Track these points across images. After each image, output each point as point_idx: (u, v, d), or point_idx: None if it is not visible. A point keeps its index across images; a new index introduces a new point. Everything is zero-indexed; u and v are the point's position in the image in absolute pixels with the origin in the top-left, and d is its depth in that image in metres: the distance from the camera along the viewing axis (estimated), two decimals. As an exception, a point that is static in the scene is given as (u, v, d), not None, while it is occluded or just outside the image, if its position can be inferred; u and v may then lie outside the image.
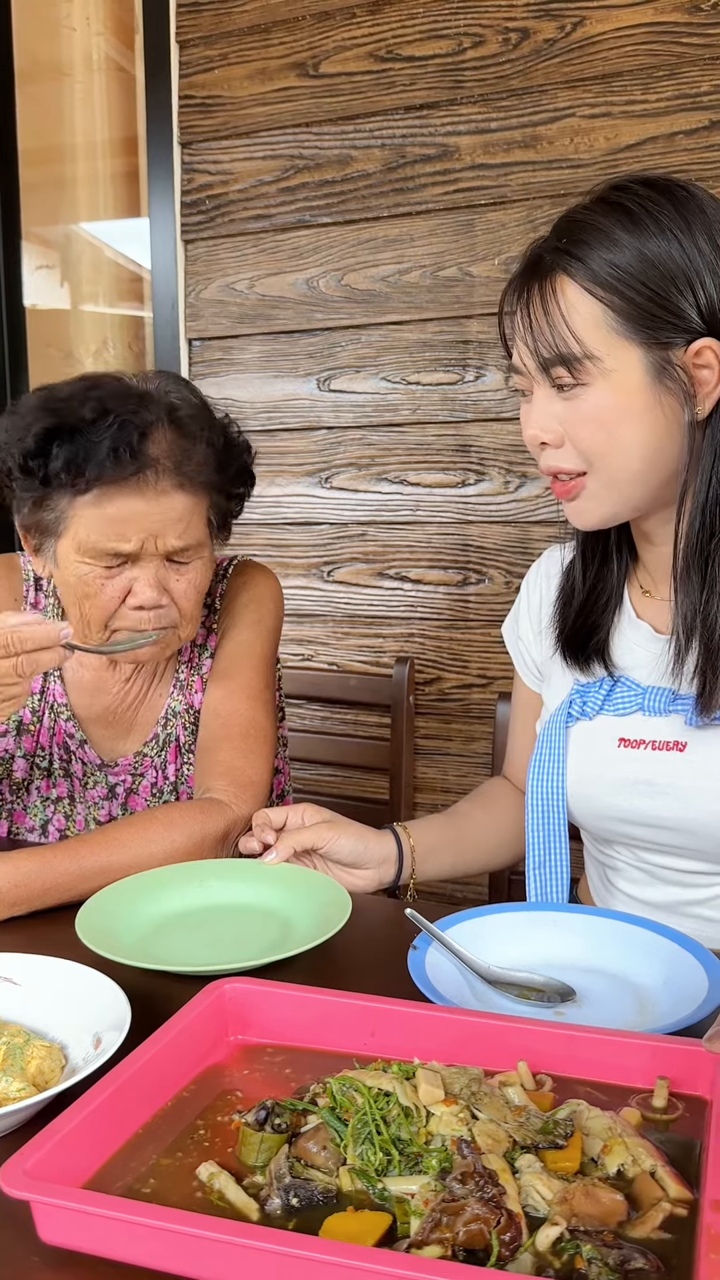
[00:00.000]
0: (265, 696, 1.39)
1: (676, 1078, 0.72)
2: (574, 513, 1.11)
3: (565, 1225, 0.58)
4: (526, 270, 1.06)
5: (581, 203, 1.06)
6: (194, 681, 1.41)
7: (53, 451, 1.19)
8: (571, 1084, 0.74)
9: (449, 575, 2.14)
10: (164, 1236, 0.57)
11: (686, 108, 1.85)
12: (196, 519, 1.27)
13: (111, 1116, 0.68)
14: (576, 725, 1.19)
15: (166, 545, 1.24)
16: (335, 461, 2.21)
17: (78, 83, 2.97)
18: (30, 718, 1.40)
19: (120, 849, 1.14)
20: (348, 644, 2.24)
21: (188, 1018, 0.78)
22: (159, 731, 1.40)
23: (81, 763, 1.41)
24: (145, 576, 1.24)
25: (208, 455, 1.26)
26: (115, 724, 1.42)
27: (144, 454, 1.19)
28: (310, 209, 2.16)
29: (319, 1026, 0.80)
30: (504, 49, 1.97)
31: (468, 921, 1.02)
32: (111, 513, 1.20)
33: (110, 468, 1.18)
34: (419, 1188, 0.62)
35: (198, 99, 2.24)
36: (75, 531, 1.23)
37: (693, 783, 1.09)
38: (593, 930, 1.01)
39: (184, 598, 1.28)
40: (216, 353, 2.28)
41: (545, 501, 2.04)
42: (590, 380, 1.02)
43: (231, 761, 1.30)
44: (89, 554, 1.23)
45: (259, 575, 1.48)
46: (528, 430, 1.08)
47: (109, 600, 1.24)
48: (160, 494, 1.22)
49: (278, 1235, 0.56)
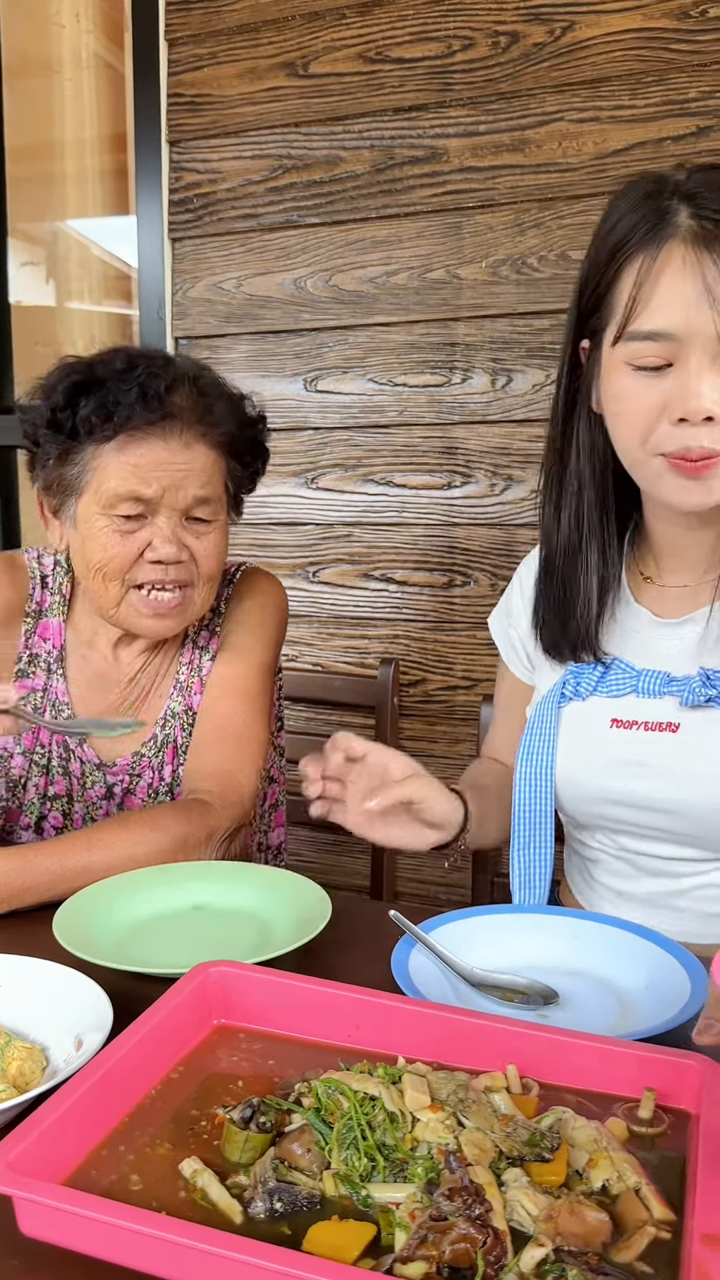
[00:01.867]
0: (261, 702, 1.39)
1: (662, 1089, 0.72)
2: (704, 490, 1.04)
3: (550, 1246, 0.58)
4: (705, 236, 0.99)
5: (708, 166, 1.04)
6: (194, 684, 1.40)
7: (81, 402, 1.23)
8: (556, 1090, 0.74)
9: (434, 577, 2.14)
10: (142, 1239, 0.57)
11: (674, 113, 1.86)
12: (216, 477, 1.30)
13: (98, 1103, 0.68)
14: (569, 705, 1.19)
15: (187, 497, 1.26)
16: (321, 462, 2.21)
17: (66, 79, 2.96)
18: (31, 714, 1.39)
19: (102, 850, 1.13)
20: (333, 645, 2.24)
21: (173, 1001, 0.77)
22: (157, 733, 1.40)
23: (80, 761, 1.40)
24: (164, 532, 1.26)
25: (228, 413, 1.30)
26: None
27: (170, 402, 1.24)
28: (298, 209, 2.16)
29: (305, 1016, 0.80)
30: (493, 52, 1.97)
31: (451, 924, 1.02)
32: (135, 458, 1.24)
33: (139, 411, 1.22)
34: (404, 1197, 0.62)
35: (187, 97, 2.23)
36: (98, 483, 1.25)
37: (685, 764, 1.10)
38: (575, 933, 1.01)
39: (205, 558, 1.30)
40: (203, 352, 2.28)
41: (531, 504, 2.04)
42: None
43: (221, 764, 1.30)
44: (109, 504, 1.25)
45: (265, 582, 1.49)
46: (696, 403, 0.99)
47: (127, 554, 1.26)
48: (184, 445, 1.25)
49: (262, 1249, 0.55)
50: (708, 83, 1.83)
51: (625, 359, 1.04)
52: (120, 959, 0.94)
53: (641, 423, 1.04)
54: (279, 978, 0.82)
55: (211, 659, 1.41)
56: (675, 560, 1.18)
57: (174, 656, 1.42)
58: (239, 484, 1.38)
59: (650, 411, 1.03)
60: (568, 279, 1.96)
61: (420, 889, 2.22)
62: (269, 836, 1.58)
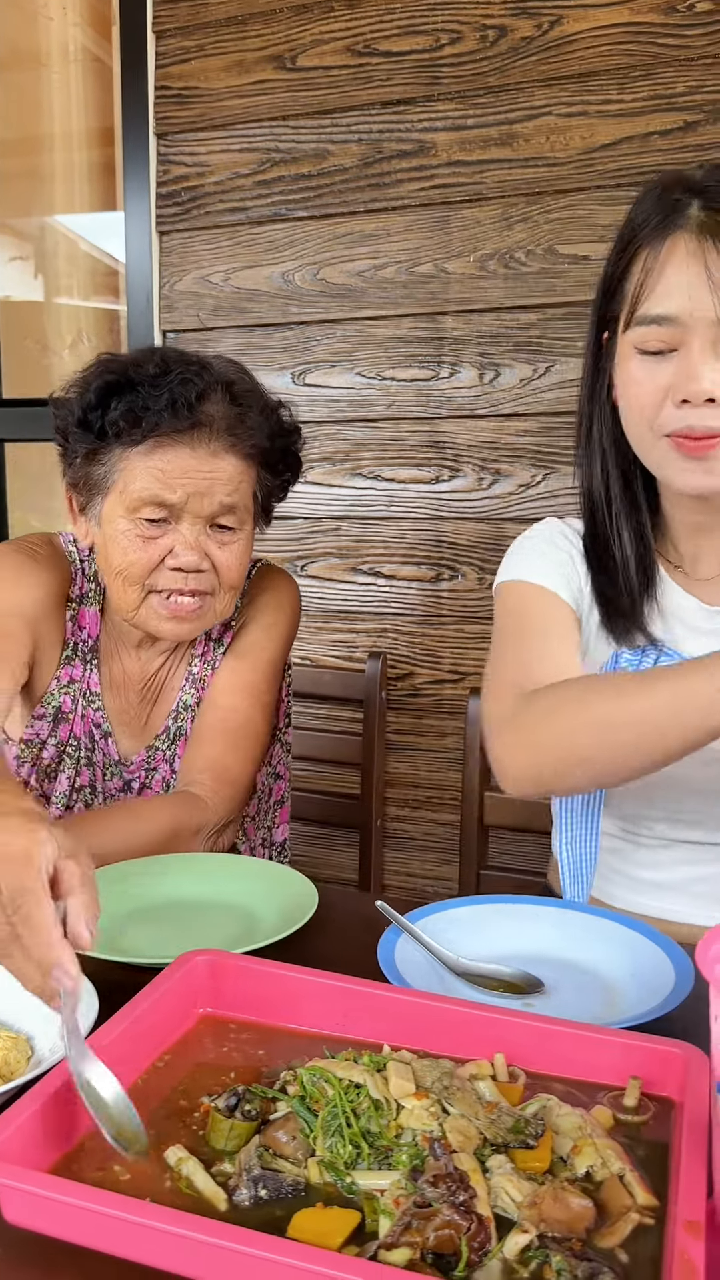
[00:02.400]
0: (266, 699, 1.39)
1: (647, 1077, 0.72)
2: (703, 471, 1.08)
3: (534, 1233, 0.58)
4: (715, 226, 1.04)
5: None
6: (206, 677, 1.40)
7: (112, 404, 1.22)
8: (542, 1078, 0.74)
9: (422, 571, 2.14)
10: (127, 1227, 0.57)
11: (662, 108, 1.86)
12: (244, 486, 1.29)
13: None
14: None
15: (213, 504, 1.25)
16: (309, 456, 2.20)
17: (54, 72, 2.94)
18: (70, 705, 1.39)
19: (91, 840, 1.12)
20: (321, 639, 2.24)
21: (159, 990, 0.77)
22: (170, 725, 1.40)
23: (103, 754, 1.41)
24: (187, 539, 1.25)
25: (260, 424, 1.29)
26: (131, 722, 1.42)
27: (200, 412, 1.22)
28: (286, 203, 2.16)
29: (291, 1005, 0.80)
30: (481, 46, 1.97)
31: (437, 914, 1.02)
32: (161, 464, 1.23)
33: (168, 419, 1.20)
34: (389, 1184, 0.62)
35: (174, 90, 2.23)
36: (124, 485, 1.24)
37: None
38: (560, 922, 1.02)
39: (227, 568, 1.29)
40: (191, 345, 2.26)
41: (519, 499, 2.04)
42: None
43: (218, 757, 1.30)
44: (133, 507, 1.24)
45: (281, 580, 1.48)
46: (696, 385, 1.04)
47: (148, 560, 1.25)
48: (212, 454, 1.24)
49: (247, 1235, 0.55)
50: (695, 77, 1.83)
51: (634, 344, 1.09)
52: (106, 949, 0.94)
53: (648, 406, 1.08)
54: (265, 966, 0.82)
55: (224, 652, 1.41)
56: (696, 547, 1.20)
57: (188, 651, 1.42)
58: (269, 493, 1.36)
59: (656, 394, 1.07)
60: (555, 273, 1.96)
61: (407, 882, 2.22)
62: (274, 833, 1.58)
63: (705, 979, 0.60)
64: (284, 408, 1.36)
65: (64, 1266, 0.59)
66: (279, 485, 1.38)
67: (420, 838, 2.20)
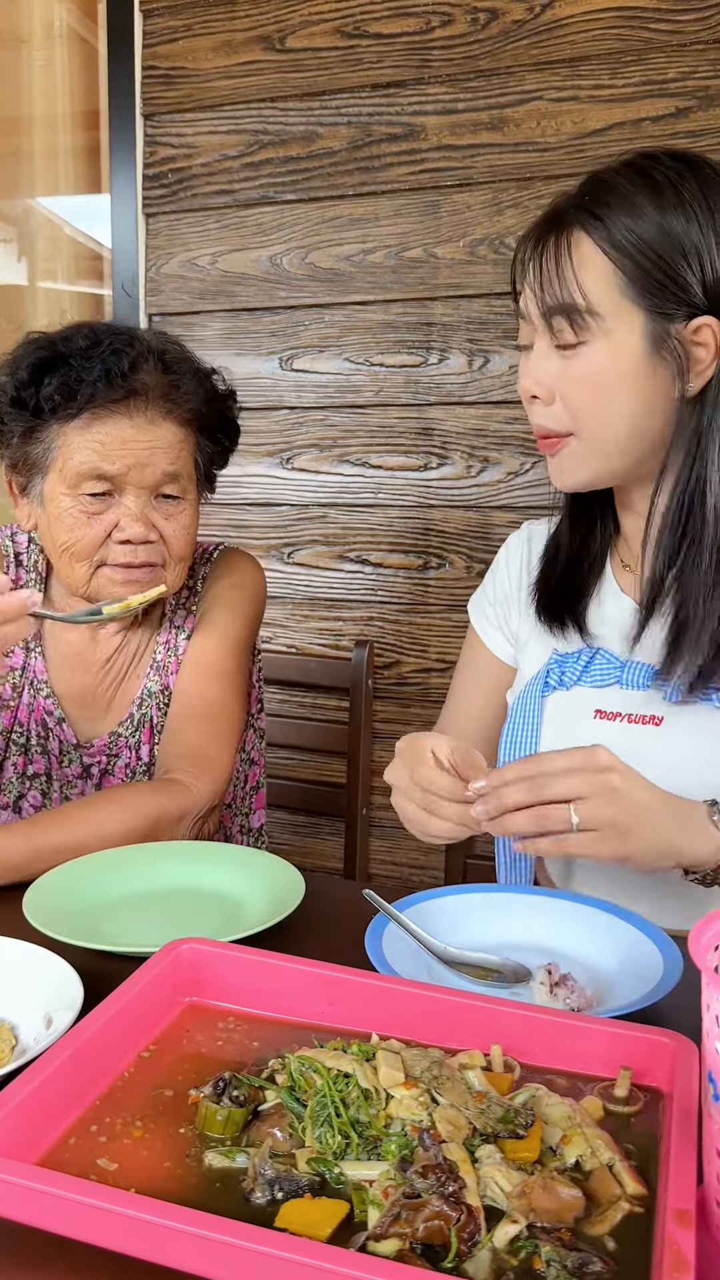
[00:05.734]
0: (237, 681, 1.38)
1: (637, 1067, 0.72)
2: (556, 471, 1.13)
3: (524, 1223, 0.58)
4: (546, 221, 1.09)
5: (611, 165, 1.10)
6: (170, 663, 1.39)
7: (45, 380, 1.21)
8: (532, 1067, 0.73)
9: (410, 559, 2.13)
10: (115, 1219, 0.56)
11: (653, 94, 1.85)
12: (185, 453, 1.29)
13: (69, 1081, 0.67)
14: (552, 695, 1.19)
15: (155, 474, 1.25)
16: (297, 442, 2.19)
17: (37, 51, 2.90)
18: (10, 693, 1.38)
19: (73, 829, 1.12)
20: (307, 627, 2.23)
21: (145, 979, 0.76)
22: (134, 712, 1.39)
23: (59, 741, 1.39)
24: (132, 511, 1.24)
25: (195, 389, 1.29)
26: (93, 704, 1.40)
27: (135, 380, 1.22)
28: (275, 185, 2.14)
29: (277, 993, 0.79)
30: (472, 29, 1.95)
31: (424, 903, 1.01)
32: (100, 436, 1.22)
33: (102, 390, 1.20)
34: (378, 1175, 0.61)
35: (161, 70, 2.20)
36: (63, 461, 1.23)
37: (668, 757, 1.09)
38: (548, 911, 1.01)
39: (174, 538, 1.28)
40: (177, 329, 2.25)
41: (507, 487, 2.03)
42: (590, 339, 1.05)
43: (196, 742, 1.29)
44: (74, 483, 1.23)
45: (243, 562, 1.48)
46: (522, 381, 1.10)
47: (95, 535, 1.24)
48: (149, 423, 1.24)
49: (235, 1227, 0.54)
50: (688, 63, 1.82)
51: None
52: (91, 937, 0.93)
53: (523, 399, 1.13)
54: (252, 955, 0.81)
55: (188, 638, 1.39)
56: (639, 548, 1.18)
57: (151, 636, 1.41)
58: (210, 460, 1.36)
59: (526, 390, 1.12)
60: (545, 260, 1.95)
61: (393, 871, 2.22)
62: (250, 819, 1.57)
63: (697, 968, 0.59)
64: (216, 374, 1.36)
65: (52, 1259, 0.59)
66: (219, 452, 1.37)
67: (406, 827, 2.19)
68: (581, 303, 1.04)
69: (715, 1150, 0.57)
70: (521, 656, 1.28)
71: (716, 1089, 0.57)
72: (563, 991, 0.87)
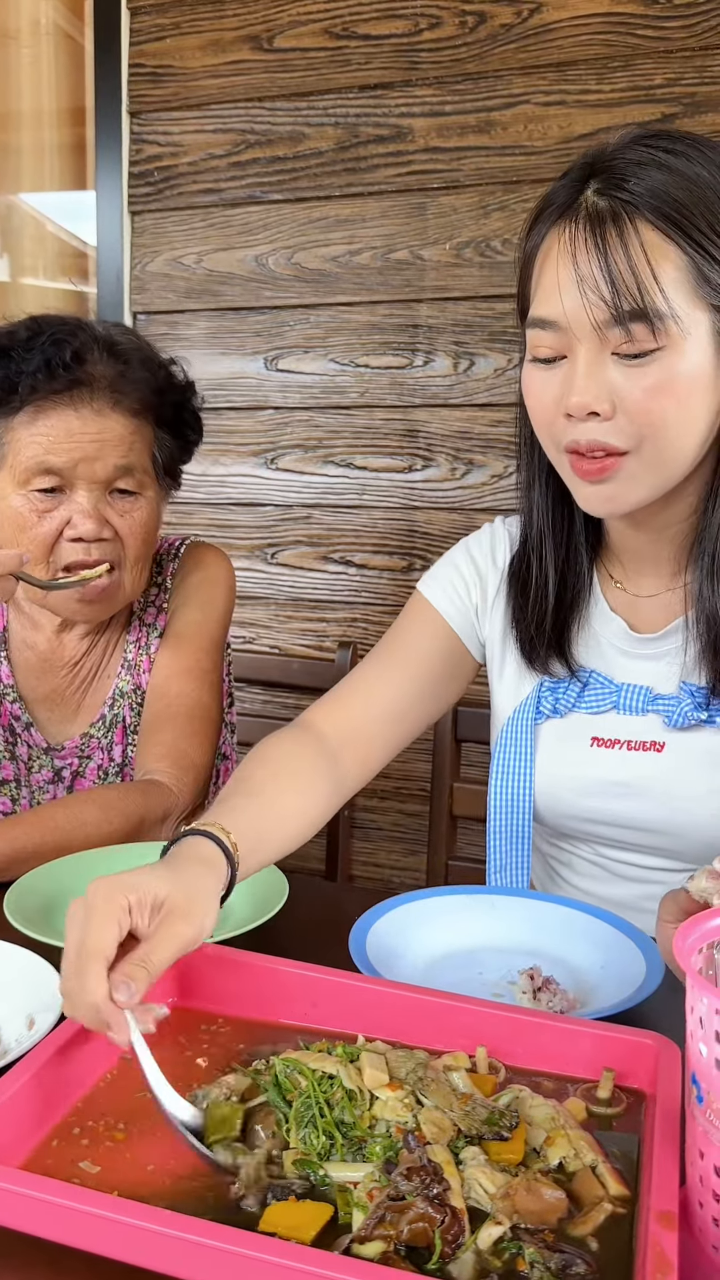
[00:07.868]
0: (212, 678, 1.37)
1: (620, 1069, 0.72)
2: (604, 497, 0.98)
3: (508, 1224, 0.58)
4: (597, 217, 0.93)
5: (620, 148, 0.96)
6: (142, 662, 1.38)
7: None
8: (516, 1069, 0.73)
9: (394, 560, 2.13)
10: (98, 1223, 0.56)
11: (640, 99, 1.86)
12: (139, 446, 1.25)
13: (52, 1082, 0.67)
14: (546, 723, 1.13)
15: (106, 468, 1.22)
16: (281, 442, 2.19)
17: (24, 48, 2.89)
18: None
19: (55, 831, 1.11)
20: (290, 627, 2.22)
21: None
22: (106, 713, 1.37)
23: (27, 746, 1.37)
24: (83, 507, 1.21)
25: (144, 379, 1.25)
26: (62, 706, 1.38)
27: (79, 370, 1.19)
28: (261, 185, 2.13)
29: (262, 995, 0.79)
30: (460, 32, 1.95)
31: (407, 905, 1.01)
32: (45, 429, 1.19)
33: (43, 381, 1.17)
34: (362, 1177, 0.61)
35: (148, 68, 2.19)
36: (11, 458, 1.21)
37: (670, 786, 1.05)
38: (532, 914, 1.01)
39: (130, 535, 1.25)
40: (162, 327, 2.24)
41: (491, 489, 2.04)
42: (666, 344, 0.92)
43: (174, 743, 1.28)
44: (24, 479, 1.20)
45: (211, 556, 1.46)
46: (576, 397, 0.93)
47: (47, 534, 1.21)
48: (96, 414, 1.21)
49: (219, 1231, 0.54)
50: (674, 70, 1.83)
51: (529, 348, 0.99)
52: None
53: (545, 417, 0.99)
54: (235, 956, 0.81)
55: (159, 636, 1.38)
56: (638, 564, 1.11)
57: (121, 635, 1.39)
58: (170, 454, 1.32)
59: (552, 405, 0.97)
60: (531, 263, 1.96)
61: (374, 872, 2.22)
62: None
63: (682, 970, 0.59)
64: (175, 364, 1.33)
65: (34, 1262, 0.58)
66: (180, 446, 1.34)
67: (388, 828, 2.19)
68: (665, 307, 0.90)
69: (698, 1152, 0.58)
70: (498, 682, 1.20)
71: (699, 1091, 0.57)
72: (545, 996, 0.87)
